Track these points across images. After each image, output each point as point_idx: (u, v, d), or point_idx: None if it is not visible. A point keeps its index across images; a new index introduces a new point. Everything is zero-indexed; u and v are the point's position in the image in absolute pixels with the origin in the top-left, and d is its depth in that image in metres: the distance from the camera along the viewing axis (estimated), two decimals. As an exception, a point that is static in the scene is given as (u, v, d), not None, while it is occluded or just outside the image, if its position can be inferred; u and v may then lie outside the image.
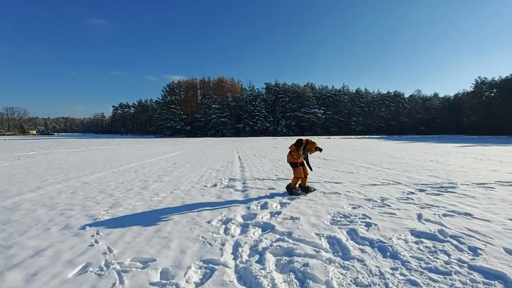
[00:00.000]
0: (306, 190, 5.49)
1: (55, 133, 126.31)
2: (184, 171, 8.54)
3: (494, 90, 63.30)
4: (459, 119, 76.99)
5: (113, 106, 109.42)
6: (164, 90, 75.70)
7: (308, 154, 5.63)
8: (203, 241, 3.06)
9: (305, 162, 5.54)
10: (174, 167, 9.38)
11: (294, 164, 5.41)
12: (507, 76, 60.15)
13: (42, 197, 5.23)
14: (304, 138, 5.69)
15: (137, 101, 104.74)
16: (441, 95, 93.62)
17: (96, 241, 3.08)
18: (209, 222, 3.71)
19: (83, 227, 3.53)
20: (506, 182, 6.44)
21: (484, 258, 2.61)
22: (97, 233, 3.33)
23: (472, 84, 68.68)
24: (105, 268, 2.48)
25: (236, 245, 2.97)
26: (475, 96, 67.70)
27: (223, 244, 2.97)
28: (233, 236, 3.23)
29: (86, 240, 3.13)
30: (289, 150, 5.53)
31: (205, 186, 6.22)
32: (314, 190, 5.62)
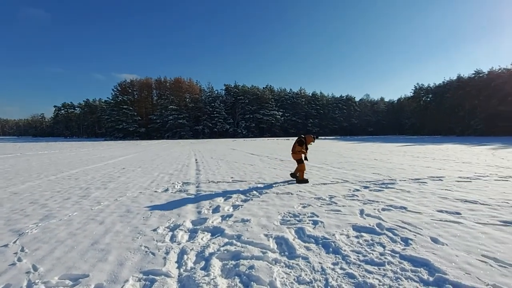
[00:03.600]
0: (299, 179, 6.69)
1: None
2: (133, 176, 8.02)
3: (430, 95, 71.34)
4: (402, 121, 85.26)
5: (55, 106, 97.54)
6: (115, 89, 70.41)
7: (308, 146, 7.02)
8: (146, 251, 2.86)
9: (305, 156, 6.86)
10: (122, 172, 8.76)
11: (300, 161, 6.69)
12: (439, 83, 68.32)
13: (-46, 212, 4.46)
14: (301, 135, 7.03)
15: (83, 100, 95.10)
16: (386, 99, 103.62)
17: (19, 259, 2.72)
18: (154, 230, 3.51)
19: (5, 244, 3.09)
20: (436, 177, 7.23)
21: (413, 248, 2.87)
22: (22, 250, 2.94)
23: (412, 89, 76.55)
24: (25, 290, 2.17)
25: (182, 253, 2.84)
26: (415, 100, 75.45)
27: (167, 253, 2.82)
28: (179, 244, 3.08)
29: (8, 259, 2.74)
30: (297, 150, 6.74)
31: (155, 191, 5.90)
32: (307, 181, 6.68)
